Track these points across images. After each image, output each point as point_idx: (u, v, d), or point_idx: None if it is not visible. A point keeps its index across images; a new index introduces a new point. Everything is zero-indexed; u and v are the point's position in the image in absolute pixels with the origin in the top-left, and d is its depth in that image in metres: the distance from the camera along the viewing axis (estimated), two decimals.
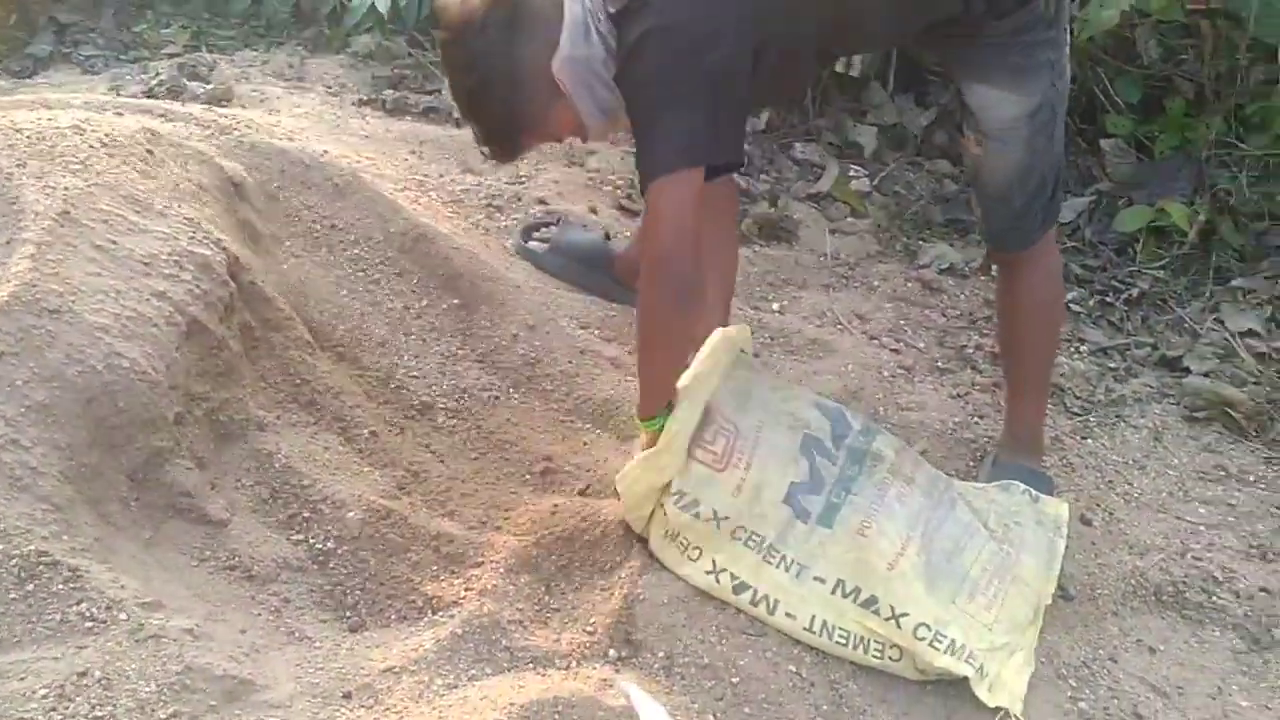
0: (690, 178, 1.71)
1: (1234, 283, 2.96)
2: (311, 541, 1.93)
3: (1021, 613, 1.88)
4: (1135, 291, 2.94)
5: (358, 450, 2.11)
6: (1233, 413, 2.58)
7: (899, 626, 1.80)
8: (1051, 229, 2.14)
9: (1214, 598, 2.10)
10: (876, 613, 1.81)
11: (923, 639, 1.78)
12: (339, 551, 1.92)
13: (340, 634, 1.83)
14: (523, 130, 1.84)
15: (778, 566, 1.85)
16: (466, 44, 1.76)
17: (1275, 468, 2.47)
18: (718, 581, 1.86)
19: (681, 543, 1.89)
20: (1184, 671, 1.98)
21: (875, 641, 1.81)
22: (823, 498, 1.88)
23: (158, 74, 3.19)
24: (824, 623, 1.83)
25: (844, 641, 1.82)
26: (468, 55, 1.76)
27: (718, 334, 2.00)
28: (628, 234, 2.74)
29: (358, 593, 1.90)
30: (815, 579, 1.84)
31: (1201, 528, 2.30)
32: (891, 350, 2.64)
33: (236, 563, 1.84)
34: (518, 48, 1.75)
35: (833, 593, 1.84)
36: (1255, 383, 2.67)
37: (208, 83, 3.13)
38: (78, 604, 1.57)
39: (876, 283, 2.89)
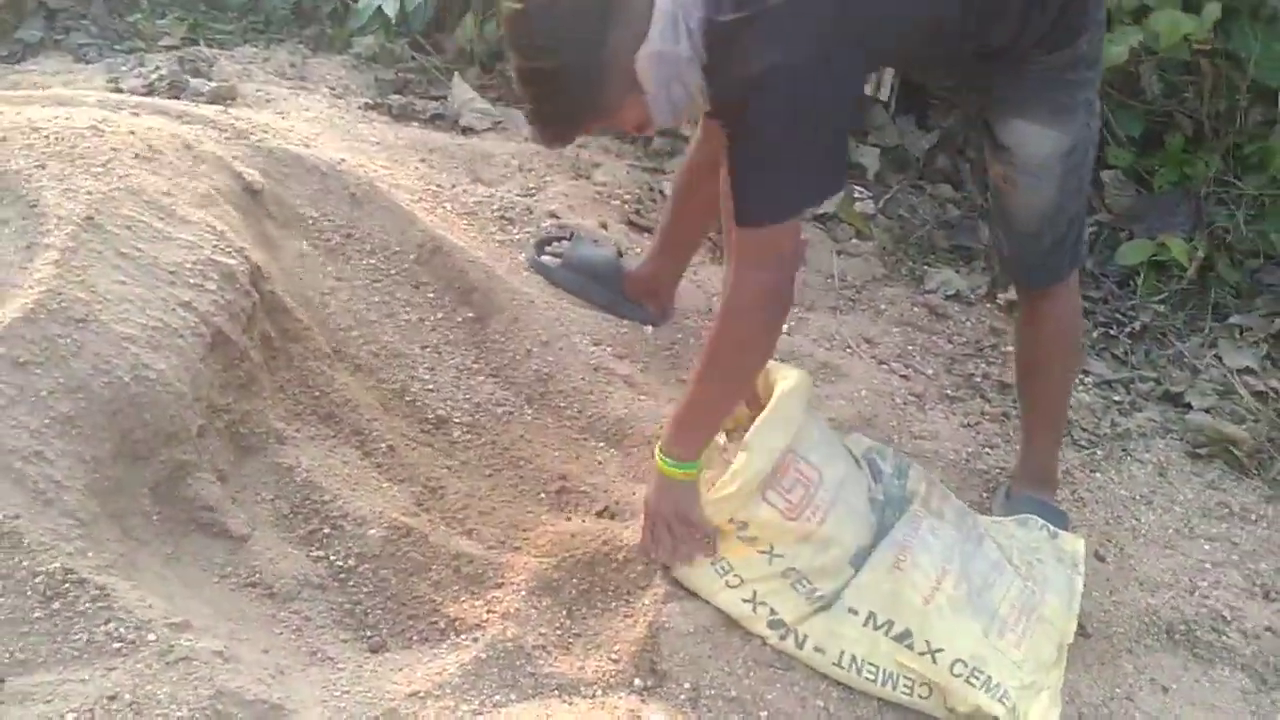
0: (803, 218, 1.75)
1: (1231, 320, 3.00)
2: (332, 559, 1.89)
3: (1046, 652, 1.89)
4: (1138, 325, 2.97)
5: (376, 464, 2.07)
6: (1235, 450, 2.61)
7: (934, 662, 1.79)
8: (1078, 266, 2.16)
9: (1223, 637, 2.13)
10: (910, 647, 1.81)
11: (959, 675, 1.78)
12: (360, 569, 1.89)
13: (362, 655, 1.80)
14: (590, 120, 1.74)
15: (819, 612, 1.84)
16: (551, 23, 1.60)
17: (1276, 506, 2.50)
18: (754, 611, 1.85)
19: (722, 568, 1.87)
20: (1196, 711, 2.00)
21: (905, 677, 1.81)
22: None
23: (157, 68, 3.12)
24: (853, 658, 1.82)
25: (873, 677, 1.82)
26: (550, 36, 1.61)
27: (787, 382, 1.95)
28: (638, 250, 2.72)
29: (378, 612, 1.87)
30: (849, 610, 1.84)
31: (1207, 565, 2.33)
32: (901, 376, 2.64)
33: (257, 579, 1.81)
34: (607, 35, 1.62)
35: (865, 624, 1.83)
36: (1255, 420, 2.70)
37: (209, 80, 3.07)
38: (105, 624, 1.52)
39: (883, 306, 2.90)
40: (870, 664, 1.82)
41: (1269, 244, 3.13)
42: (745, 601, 1.86)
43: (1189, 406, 2.75)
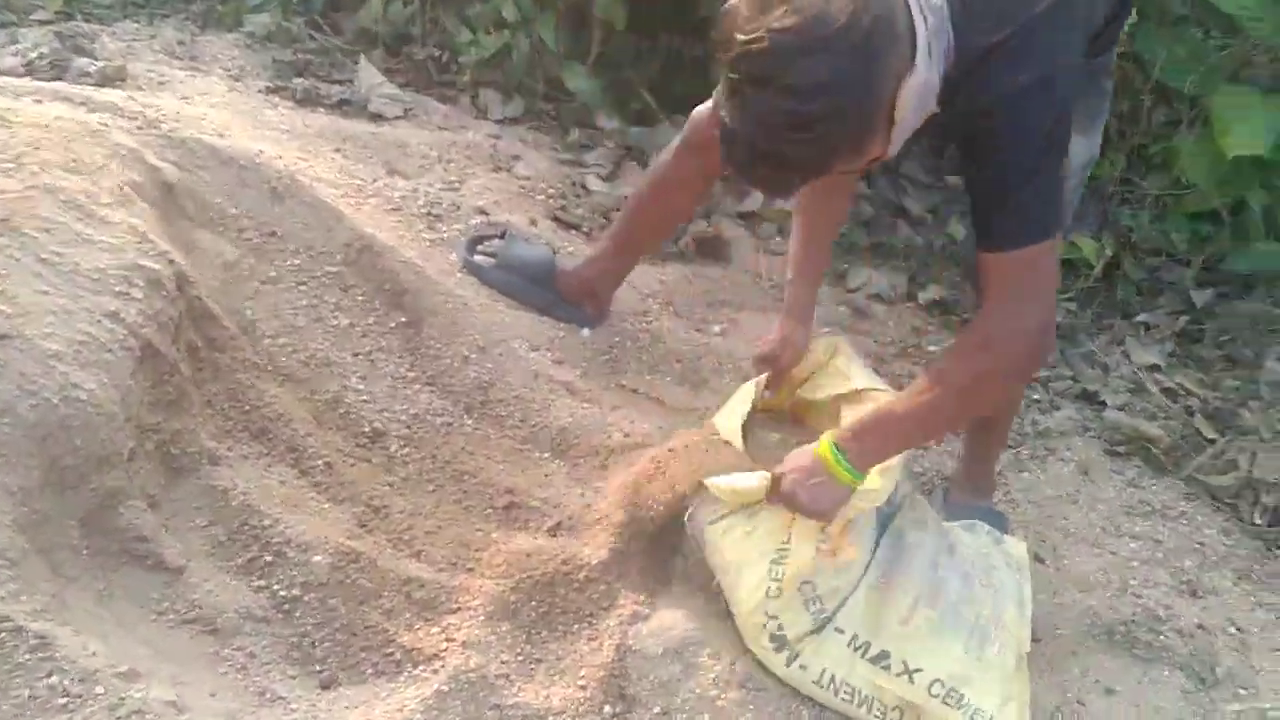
0: (1058, 238, 1.63)
1: (1138, 318, 3.09)
2: (275, 588, 1.76)
3: (1010, 661, 1.89)
4: None
5: (314, 484, 1.95)
6: (1152, 448, 2.68)
7: (911, 682, 1.77)
8: None
9: (1161, 636, 2.18)
10: (887, 669, 1.78)
11: (936, 695, 1.77)
12: (305, 599, 1.77)
13: (313, 692, 1.68)
14: (843, 162, 1.51)
15: (815, 631, 1.80)
16: (828, 59, 1.37)
17: (1193, 503, 2.58)
18: (764, 626, 1.80)
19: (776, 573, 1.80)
20: (1142, 713, 2.03)
21: (880, 701, 1.79)
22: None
23: (36, 45, 2.87)
24: (832, 677, 1.79)
25: (849, 698, 1.79)
26: (829, 72, 1.37)
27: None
28: (570, 249, 2.64)
29: (328, 644, 1.75)
30: (837, 630, 1.81)
31: (1135, 563, 2.38)
32: None
33: (197, 615, 1.67)
34: (886, 68, 1.43)
35: (848, 645, 1.80)
36: (1166, 418, 2.79)
37: (95, 59, 2.84)
38: (48, 676, 1.38)
39: None
40: (847, 684, 1.79)
41: (1170, 243, 3.24)
42: (768, 615, 1.80)
43: (1104, 404, 2.82)
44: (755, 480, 1.80)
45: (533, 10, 3.16)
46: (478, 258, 2.46)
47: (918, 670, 1.78)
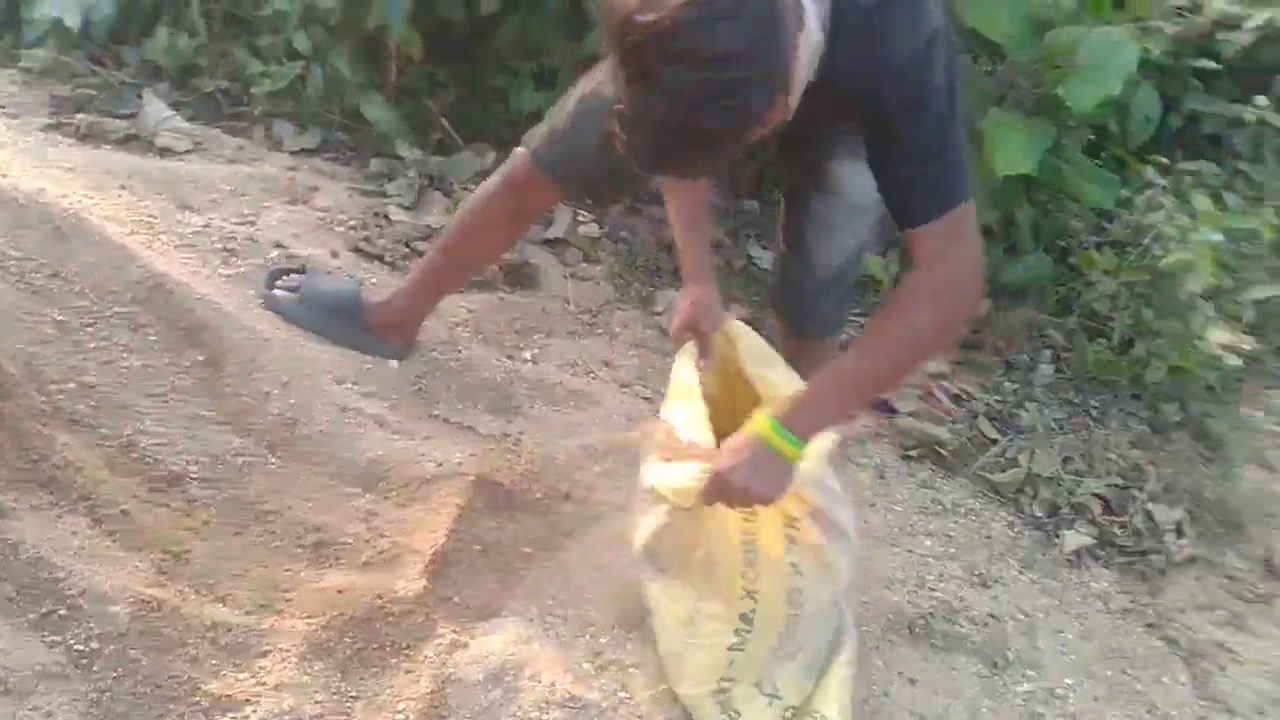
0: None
1: None
2: (70, 643, 1.68)
3: (853, 667, 1.97)
4: (845, 338, 3.17)
5: (108, 533, 1.87)
6: (941, 450, 2.85)
7: (769, 705, 1.83)
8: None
9: (956, 627, 2.31)
10: (758, 686, 1.84)
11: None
12: (104, 652, 1.69)
13: None
14: (753, 133, 1.48)
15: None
16: (733, 26, 1.35)
17: (980, 500, 2.75)
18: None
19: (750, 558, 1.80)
20: (942, 699, 2.15)
21: (735, 709, 1.83)
22: None
23: None
24: (723, 675, 1.84)
25: (719, 691, 1.84)
26: (741, 42, 1.36)
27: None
28: (374, 280, 2.62)
29: (129, 699, 1.68)
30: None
31: (930, 559, 2.52)
32: (645, 399, 2.68)
33: None
34: (790, 30, 1.42)
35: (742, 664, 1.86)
36: (954, 421, 2.96)
37: None
38: None
39: (617, 329, 2.93)
40: (722, 689, 1.84)
41: None
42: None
43: (896, 411, 2.97)
44: (691, 478, 1.73)
45: (326, 40, 3.13)
46: (278, 293, 2.41)
47: (777, 697, 1.84)
